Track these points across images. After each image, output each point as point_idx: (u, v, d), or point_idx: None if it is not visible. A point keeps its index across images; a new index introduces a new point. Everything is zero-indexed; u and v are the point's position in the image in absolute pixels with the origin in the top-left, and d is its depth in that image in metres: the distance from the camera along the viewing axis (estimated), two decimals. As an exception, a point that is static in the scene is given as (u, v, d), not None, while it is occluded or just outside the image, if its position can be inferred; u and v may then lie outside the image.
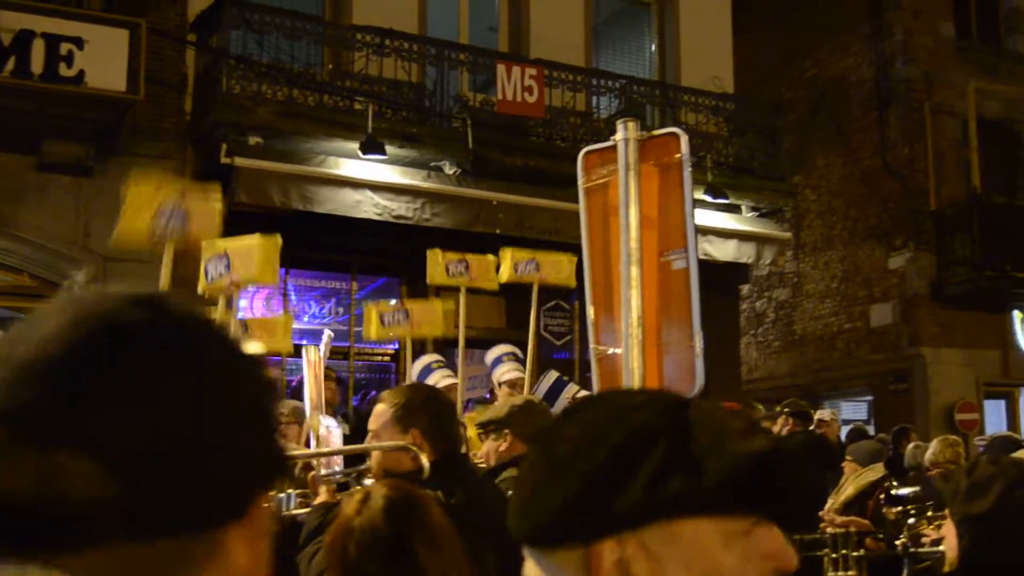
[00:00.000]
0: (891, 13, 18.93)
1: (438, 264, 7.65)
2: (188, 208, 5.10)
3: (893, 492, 5.70)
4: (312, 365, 7.42)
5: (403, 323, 7.26)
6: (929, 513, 4.94)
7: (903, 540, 4.70)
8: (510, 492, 1.75)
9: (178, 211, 5.06)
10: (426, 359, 8.64)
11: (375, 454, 3.69)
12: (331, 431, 7.41)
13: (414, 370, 8.40)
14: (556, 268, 7.82)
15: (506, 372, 8.33)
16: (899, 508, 4.96)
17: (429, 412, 3.65)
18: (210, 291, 5.39)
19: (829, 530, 3.96)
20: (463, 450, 4.33)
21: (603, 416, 1.18)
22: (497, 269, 7.90)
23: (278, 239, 5.30)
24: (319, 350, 7.40)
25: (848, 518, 4.34)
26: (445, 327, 7.61)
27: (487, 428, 4.60)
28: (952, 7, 19.18)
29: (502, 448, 4.46)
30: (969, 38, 19.40)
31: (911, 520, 4.65)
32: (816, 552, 4.69)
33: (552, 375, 8.91)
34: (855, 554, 4.56)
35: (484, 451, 4.70)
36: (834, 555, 4.53)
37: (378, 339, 7.56)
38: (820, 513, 4.03)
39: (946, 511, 2.93)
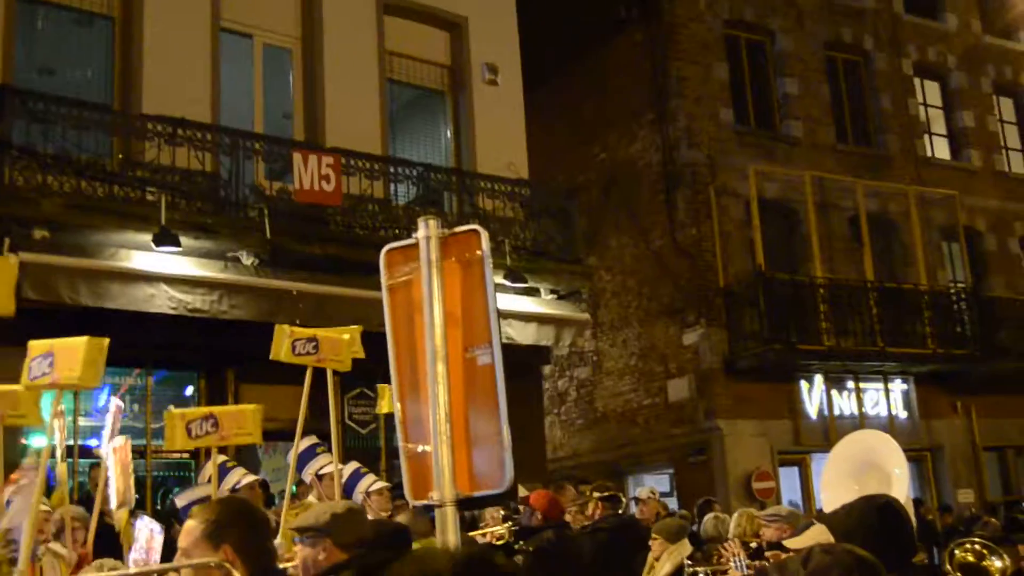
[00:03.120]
0: (674, 101, 19.78)
1: (284, 340, 7.26)
2: None
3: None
4: (119, 455, 7.09)
5: (212, 433, 6.64)
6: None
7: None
8: None
9: None
10: (306, 441, 8.38)
11: (185, 572, 3.53)
12: (155, 535, 7.05)
13: (292, 455, 8.17)
14: (335, 349, 7.46)
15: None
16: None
17: (242, 526, 3.52)
18: (31, 388, 5.13)
19: None
20: (278, 564, 4.17)
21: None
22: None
23: (104, 342, 5.11)
24: (126, 439, 7.08)
25: None
26: (258, 432, 7.04)
27: (305, 534, 4.41)
28: (730, 94, 20.19)
29: (320, 558, 4.30)
30: (747, 124, 20.44)
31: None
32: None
33: (352, 465, 8.83)
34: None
35: (300, 559, 4.45)
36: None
37: (183, 449, 7.01)
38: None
39: None
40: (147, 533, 6.80)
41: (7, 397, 5.51)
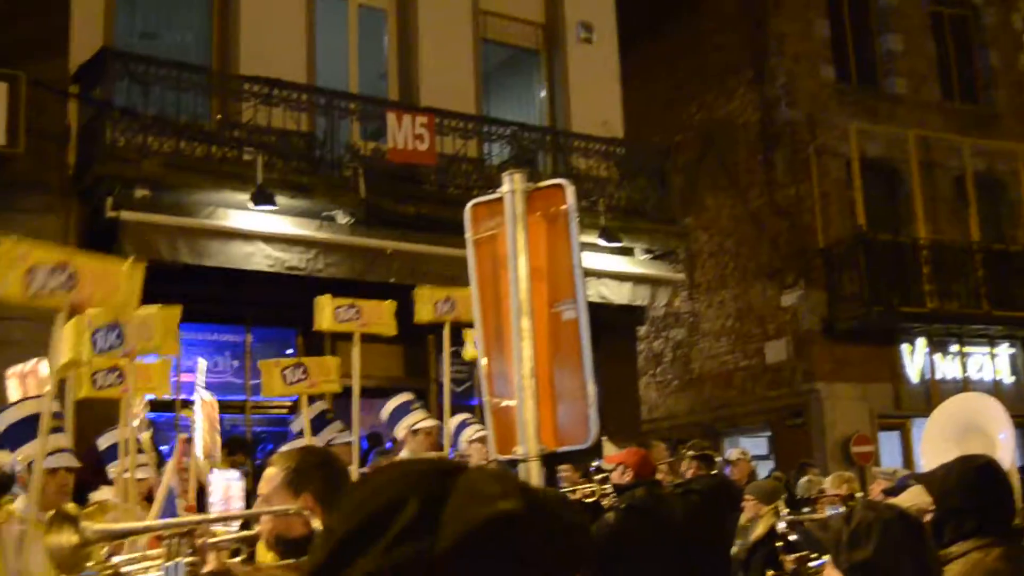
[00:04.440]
0: (774, 59, 19.40)
1: (326, 309, 7.60)
2: (77, 270, 4.92)
3: (791, 539, 5.75)
4: (206, 409, 7.27)
5: (303, 380, 7.20)
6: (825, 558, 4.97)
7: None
8: None
9: (60, 271, 4.88)
10: (402, 397, 8.63)
11: (265, 519, 3.57)
12: (232, 484, 7.22)
13: (385, 410, 8.38)
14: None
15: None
16: (796, 555, 5.00)
17: (322, 475, 3.55)
18: (97, 362, 5.22)
19: None
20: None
21: (374, 484, 1.20)
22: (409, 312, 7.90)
23: (176, 311, 5.20)
24: (212, 395, 7.26)
25: None
26: (338, 382, 7.63)
27: None
28: (831, 51, 19.73)
29: None
30: (849, 81, 19.96)
31: (811, 564, 4.68)
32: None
33: (460, 416, 8.95)
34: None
35: None
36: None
37: (280, 395, 7.49)
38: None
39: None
40: (224, 484, 6.95)
41: (142, 370, 5.63)
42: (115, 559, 4.06)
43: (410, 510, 1.12)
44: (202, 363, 8.06)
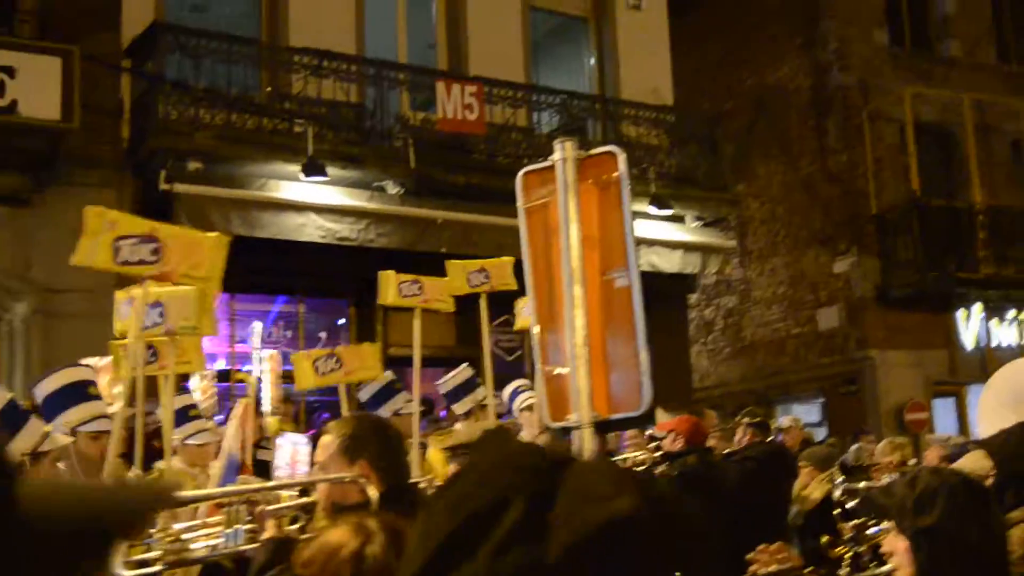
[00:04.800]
0: (825, 22, 19.15)
1: (390, 285, 7.57)
2: (163, 241, 4.97)
3: (848, 506, 5.71)
4: (272, 363, 7.39)
5: (336, 370, 6.98)
6: (884, 523, 4.94)
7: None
8: None
9: (147, 242, 4.93)
10: (514, 384, 8.87)
11: (322, 486, 3.62)
12: (299, 449, 7.33)
13: (446, 385, 8.52)
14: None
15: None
16: (853, 522, 4.98)
17: (377, 442, 3.58)
18: (139, 339, 5.27)
19: (755, 570, 3.89)
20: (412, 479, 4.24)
21: (474, 479, 1.09)
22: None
23: (213, 292, 5.22)
24: (276, 352, 7.33)
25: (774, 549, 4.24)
26: (379, 367, 7.49)
27: (457, 453, 4.53)
28: (885, 15, 19.44)
29: None
30: (902, 45, 19.66)
31: (870, 531, 4.65)
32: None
33: (513, 384, 9.02)
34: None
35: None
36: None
37: (313, 388, 7.29)
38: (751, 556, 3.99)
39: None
40: (291, 449, 7.05)
41: (174, 345, 5.69)
42: (175, 526, 4.14)
43: (515, 511, 1.02)
44: (257, 326, 8.16)
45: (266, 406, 7.38)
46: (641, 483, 1.08)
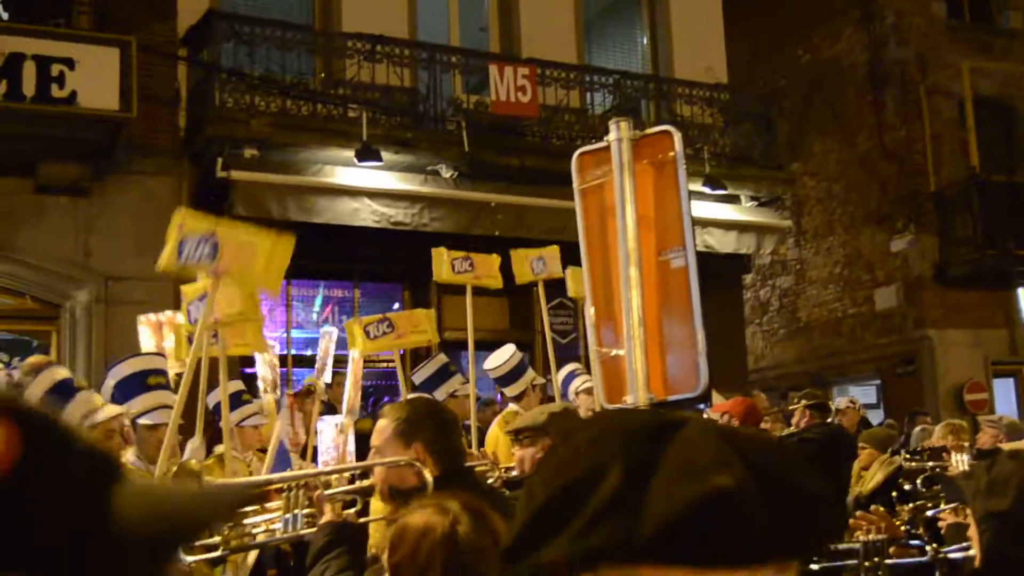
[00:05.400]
0: (881, -4, 18.89)
1: (443, 262, 7.66)
2: (220, 240, 5.04)
3: (907, 488, 5.66)
4: (355, 366, 7.45)
5: (388, 334, 7.10)
6: (941, 505, 4.89)
7: (933, 546, 4.63)
8: None
9: (207, 241, 5.01)
10: (569, 367, 8.95)
11: (378, 470, 3.63)
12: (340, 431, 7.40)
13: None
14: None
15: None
16: (912, 504, 4.94)
17: (432, 426, 3.60)
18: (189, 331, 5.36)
19: (859, 535, 3.88)
20: (468, 462, 4.27)
21: (578, 442, 1.01)
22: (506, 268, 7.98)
23: (254, 285, 5.27)
24: (360, 353, 7.39)
25: (876, 516, 4.23)
26: (433, 332, 7.54)
27: (523, 435, 4.56)
28: (942, -13, 19.13)
29: (538, 456, 4.41)
30: (961, 17, 19.33)
31: (928, 513, 4.61)
32: (843, 562, 4.49)
33: (568, 367, 9.04)
34: (888, 562, 4.41)
35: (519, 457, 4.69)
36: (867, 563, 4.37)
37: (367, 352, 7.40)
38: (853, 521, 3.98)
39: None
40: (332, 431, 7.11)
41: (234, 328, 5.75)
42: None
43: (611, 480, 0.94)
44: (330, 331, 8.23)
45: (344, 408, 7.43)
46: (754, 452, 0.97)
